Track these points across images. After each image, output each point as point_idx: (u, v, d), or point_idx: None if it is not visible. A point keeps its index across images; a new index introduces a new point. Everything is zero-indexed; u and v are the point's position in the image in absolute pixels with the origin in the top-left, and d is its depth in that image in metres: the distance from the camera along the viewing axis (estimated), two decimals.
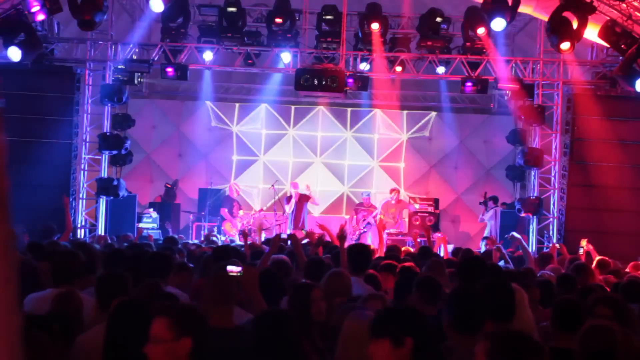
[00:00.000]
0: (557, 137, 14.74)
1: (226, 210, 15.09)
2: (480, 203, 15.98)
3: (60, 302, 4.16)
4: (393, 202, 15.33)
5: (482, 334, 2.78)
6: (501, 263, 7.91)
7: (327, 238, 8.54)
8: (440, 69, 14.64)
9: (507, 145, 16.59)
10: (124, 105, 15.26)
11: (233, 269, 4.46)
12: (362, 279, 5.57)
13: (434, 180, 17.61)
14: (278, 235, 7.47)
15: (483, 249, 12.72)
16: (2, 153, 1.31)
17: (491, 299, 3.77)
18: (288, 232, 13.91)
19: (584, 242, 10.05)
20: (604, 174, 14.50)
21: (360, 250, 6.10)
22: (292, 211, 14.88)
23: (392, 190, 15.57)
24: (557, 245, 12.07)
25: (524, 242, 9.21)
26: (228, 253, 5.77)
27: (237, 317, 4.05)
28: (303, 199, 15.01)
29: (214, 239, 11.94)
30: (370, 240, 14.54)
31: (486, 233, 15.26)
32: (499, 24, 11.85)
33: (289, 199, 15.14)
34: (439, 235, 11.22)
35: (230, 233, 14.55)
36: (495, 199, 15.69)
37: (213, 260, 5.59)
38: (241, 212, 15.17)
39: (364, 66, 14.49)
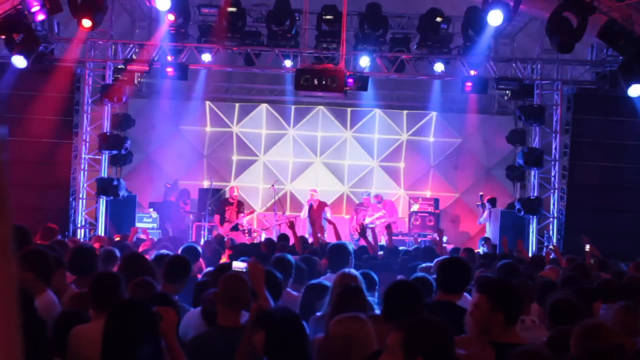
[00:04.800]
0: (557, 137, 14.74)
1: (219, 216, 14.95)
2: (478, 205, 16.00)
3: (76, 302, 4.35)
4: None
5: (395, 324, 2.71)
6: None
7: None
8: (440, 69, 14.64)
9: (507, 145, 16.59)
10: (124, 105, 15.26)
11: (238, 265, 4.48)
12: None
13: (434, 180, 17.61)
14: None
15: (481, 249, 12.75)
16: (2, 153, 1.31)
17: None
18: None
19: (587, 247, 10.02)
20: (604, 174, 14.50)
21: (339, 249, 6.18)
22: (309, 216, 14.78)
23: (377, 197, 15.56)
24: (552, 247, 12.09)
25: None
26: None
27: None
28: (321, 206, 14.93)
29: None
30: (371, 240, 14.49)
31: (487, 234, 15.25)
32: (495, 17, 11.78)
33: (310, 206, 14.99)
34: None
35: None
36: (492, 201, 15.66)
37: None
38: (246, 220, 15.02)
39: (364, 66, 14.49)
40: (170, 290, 5.08)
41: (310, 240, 9.84)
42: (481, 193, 15.99)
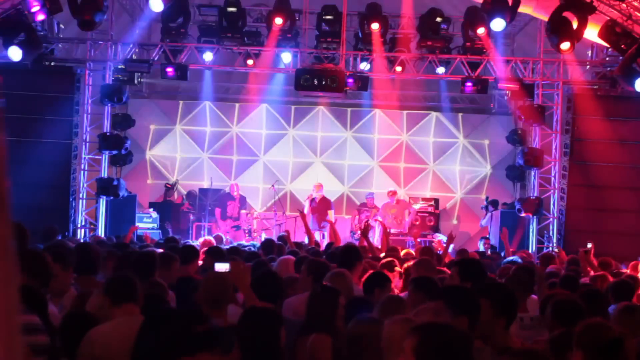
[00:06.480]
0: (557, 137, 14.73)
1: (220, 210, 14.98)
2: (482, 208, 15.99)
3: (81, 302, 4.35)
4: (393, 203, 15.33)
5: (412, 328, 2.65)
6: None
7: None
8: (440, 69, 14.64)
9: (507, 145, 16.58)
10: (124, 105, 15.26)
11: (221, 267, 4.52)
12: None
13: (434, 180, 17.60)
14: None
15: (481, 248, 12.78)
16: (2, 153, 1.31)
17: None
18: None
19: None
20: (604, 174, 14.49)
21: (347, 250, 6.21)
22: (311, 212, 14.73)
23: (389, 193, 15.46)
24: (557, 249, 12.10)
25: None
26: None
27: (232, 315, 4.08)
28: (325, 202, 14.91)
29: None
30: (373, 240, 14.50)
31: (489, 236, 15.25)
32: (498, 24, 11.86)
33: (312, 200, 14.96)
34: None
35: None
36: (494, 203, 15.64)
37: None
38: (243, 211, 15.09)
39: (364, 66, 14.48)
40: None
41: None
42: (487, 195, 16.00)
